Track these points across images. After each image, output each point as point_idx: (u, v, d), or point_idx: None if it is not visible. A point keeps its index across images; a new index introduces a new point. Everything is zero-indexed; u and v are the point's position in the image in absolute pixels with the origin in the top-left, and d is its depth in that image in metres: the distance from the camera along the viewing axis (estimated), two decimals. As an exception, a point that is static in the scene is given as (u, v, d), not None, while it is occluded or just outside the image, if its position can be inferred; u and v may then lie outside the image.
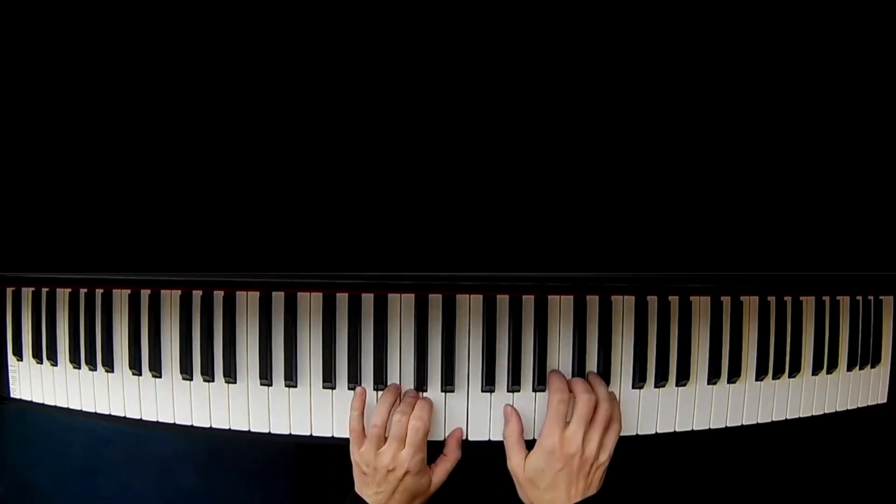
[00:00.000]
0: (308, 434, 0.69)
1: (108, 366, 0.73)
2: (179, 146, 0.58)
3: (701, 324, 0.70)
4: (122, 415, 0.74)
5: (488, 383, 0.67)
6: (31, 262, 0.61)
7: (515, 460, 0.63)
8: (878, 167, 0.58)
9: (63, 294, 0.76)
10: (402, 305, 0.68)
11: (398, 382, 0.68)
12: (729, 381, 0.71)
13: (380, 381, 0.67)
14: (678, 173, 0.57)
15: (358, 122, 0.56)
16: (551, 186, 0.57)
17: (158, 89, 0.57)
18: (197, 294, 0.71)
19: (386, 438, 0.63)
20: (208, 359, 0.70)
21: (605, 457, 0.61)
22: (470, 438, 0.68)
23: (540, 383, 0.67)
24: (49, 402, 0.77)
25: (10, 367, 0.78)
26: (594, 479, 0.60)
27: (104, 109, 0.58)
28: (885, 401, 0.79)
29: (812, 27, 0.56)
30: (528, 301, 0.68)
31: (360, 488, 0.64)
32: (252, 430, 0.70)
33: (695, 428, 0.71)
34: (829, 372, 0.75)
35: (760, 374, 0.72)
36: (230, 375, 0.70)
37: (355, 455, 0.65)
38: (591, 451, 0.60)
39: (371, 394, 0.68)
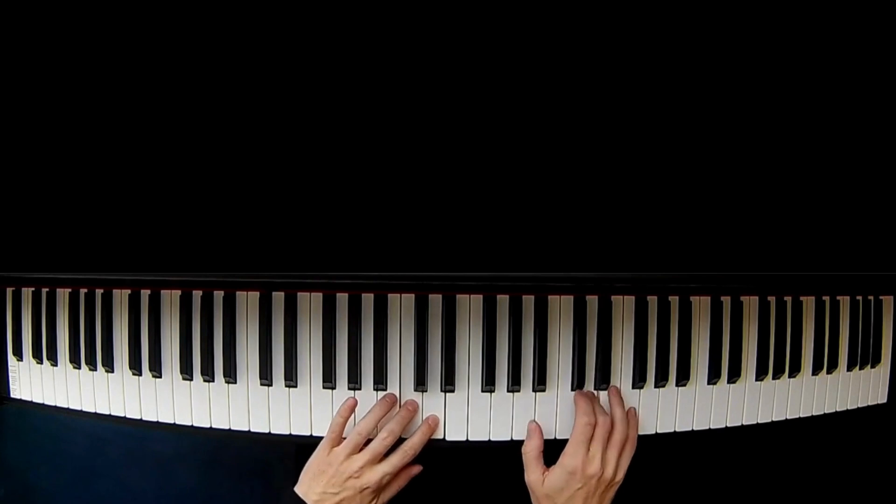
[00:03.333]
0: (308, 434, 0.69)
1: (108, 366, 0.73)
2: (179, 146, 0.58)
3: (701, 324, 0.70)
4: (122, 415, 0.74)
5: (488, 383, 0.67)
6: (31, 262, 0.61)
7: (534, 476, 0.64)
8: (877, 167, 0.58)
9: (63, 294, 0.76)
10: (402, 305, 0.68)
11: (398, 382, 0.68)
12: (729, 382, 0.71)
13: (380, 382, 0.67)
14: (678, 173, 0.57)
15: (358, 123, 0.56)
16: (551, 187, 0.57)
17: (158, 89, 0.57)
18: (197, 294, 0.71)
19: (362, 447, 0.64)
20: (208, 359, 0.70)
21: (620, 476, 0.64)
22: (470, 438, 0.68)
23: (539, 383, 0.67)
24: (49, 402, 0.77)
25: (10, 367, 0.78)
26: (608, 496, 0.64)
27: (104, 109, 0.58)
28: (885, 401, 0.79)
29: (812, 27, 0.56)
30: (528, 301, 0.68)
31: (307, 486, 0.63)
32: (252, 430, 0.70)
33: (695, 428, 0.71)
34: (829, 372, 0.75)
35: (760, 375, 0.72)
36: (230, 375, 0.70)
37: (323, 451, 0.64)
38: (609, 472, 0.63)
39: (371, 394, 0.68)
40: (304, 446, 0.69)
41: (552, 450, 0.66)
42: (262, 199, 0.57)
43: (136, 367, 0.72)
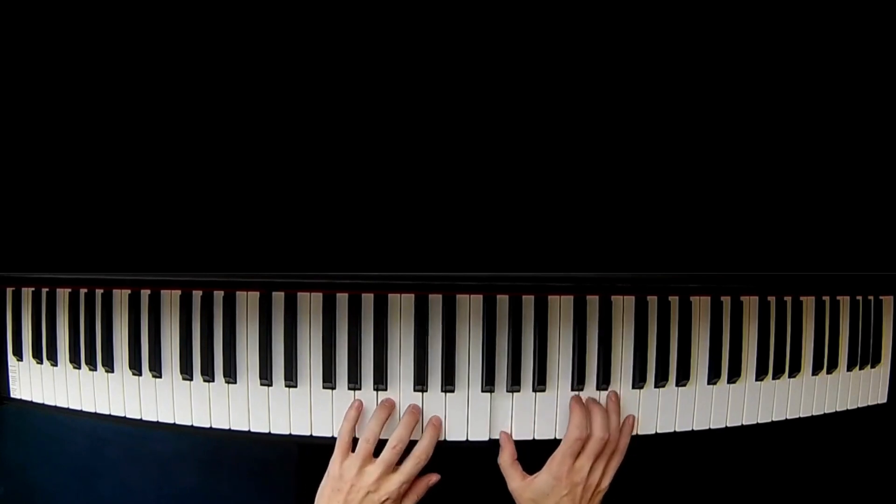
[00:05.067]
0: (308, 434, 0.69)
1: (108, 366, 0.73)
2: (179, 146, 0.58)
3: (701, 324, 0.70)
4: (122, 415, 0.74)
5: (488, 383, 0.67)
6: (31, 262, 0.61)
7: (515, 483, 0.65)
8: (877, 167, 0.58)
9: (63, 294, 0.76)
10: (402, 305, 0.68)
11: (398, 382, 0.68)
12: (729, 381, 0.71)
13: (380, 381, 0.67)
14: (678, 173, 0.57)
15: (358, 123, 0.56)
16: (551, 187, 0.57)
17: (158, 89, 0.57)
18: (197, 294, 0.71)
19: (374, 455, 0.63)
20: (208, 359, 0.70)
21: (605, 483, 0.64)
22: (470, 438, 0.68)
23: (540, 383, 0.67)
24: (49, 402, 0.77)
25: (10, 367, 0.78)
26: (594, 503, 0.64)
27: (104, 110, 0.58)
28: (885, 401, 0.79)
29: (812, 27, 0.56)
30: (528, 301, 0.68)
31: (325, 503, 0.63)
32: (252, 430, 0.70)
33: (695, 428, 0.71)
34: (829, 372, 0.75)
35: (760, 374, 0.72)
36: (230, 375, 0.70)
37: (335, 466, 0.63)
38: (595, 479, 0.63)
39: (371, 394, 0.68)
40: (307, 447, 0.69)
41: (550, 449, 0.66)
42: (262, 199, 0.57)
43: (136, 367, 0.72)
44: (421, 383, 0.68)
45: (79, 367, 0.75)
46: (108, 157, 0.58)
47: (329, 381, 0.68)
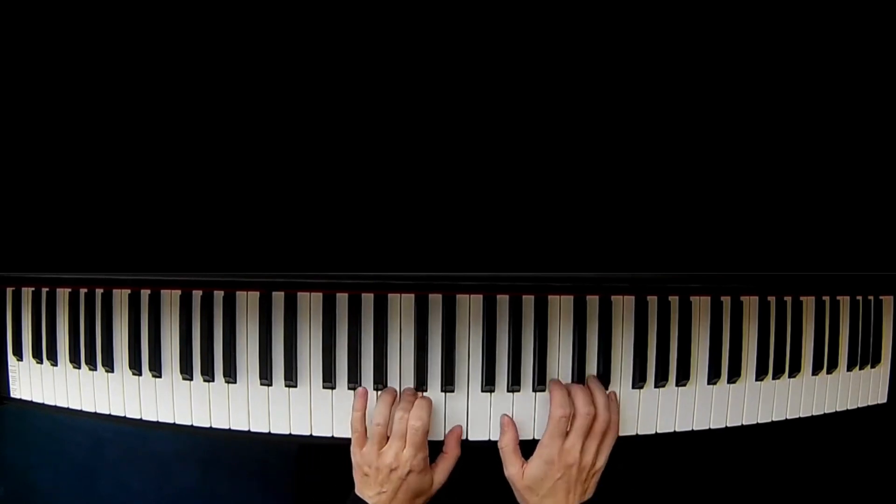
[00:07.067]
0: (308, 434, 0.69)
1: (108, 366, 0.73)
2: (179, 146, 0.58)
3: (701, 324, 0.70)
4: (122, 415, 0.74)
5: (488, 383, 0.67)
6: (31, 262, 0.61)
7: (513, 469, 0.64)
8: (877, 167, 0.58)
9: (63, 294, 0.76)
10: (402, 305, 0.68)
11: (398, 382, 0.68)
12: (729, 381, 0.71)
13: (380, 381, 0.67)
14: (678, 173, 0.57)
15: (358, 123, 0.56)
16: (551, 187, 0.57)
17: (158, 89, 0.57)
18: (197, 294, 0.71)
19: (388, 437, 0.63)
20: (208, 359, 0.70)
21: (600, 463, 0.63)
22: (470, 438, 0.68)
23: (540, 383, 0.67)
24: (49, 402, 0.77)
25: (10, 367, 0.78)
26: (590, 484, 0.63)
27: (104, 110, 0.58)
28: (885, 401, 0.79)
29: (812, 27, 0.56)
30: (528, 301, 0.68)
31: (361, 490, 0.64)
32: (252, 430, 0.70)
33: (695, 428, 0.71)
34: (829, 372, 0.75)
35: (760, 374, 0.72)
36: (230, 375, 0.70)
37: (356, 456, 0.65)
38: (588, 460, 0.62)
39: (371, 394, 0.68)
40: (307, 447, 0.69)
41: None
42: (262, 199, 0.58)
43: (136, 367, 0.72)
44: (421, 383, 0.68)
45: (79, 367, 0.75)
46: (108, 156, 0.58)
47: (329, 381, 0.68)
